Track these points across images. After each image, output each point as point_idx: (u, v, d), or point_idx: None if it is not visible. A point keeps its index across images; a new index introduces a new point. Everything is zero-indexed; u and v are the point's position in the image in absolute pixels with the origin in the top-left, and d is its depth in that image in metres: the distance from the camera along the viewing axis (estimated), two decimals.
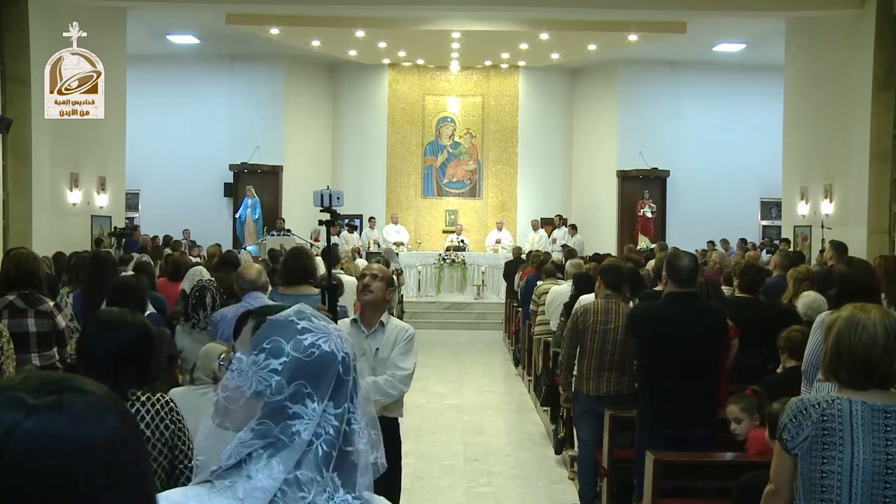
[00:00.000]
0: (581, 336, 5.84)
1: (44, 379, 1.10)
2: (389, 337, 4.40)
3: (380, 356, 4.36)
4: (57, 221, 13.41)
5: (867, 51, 12.48)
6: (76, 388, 1.09)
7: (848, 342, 2.67)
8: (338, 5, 14.89)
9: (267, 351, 1.48)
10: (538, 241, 18.93)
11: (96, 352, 2.78)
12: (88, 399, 1.09)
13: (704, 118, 19.73)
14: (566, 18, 15.72)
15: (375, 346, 4.38)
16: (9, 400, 1.06)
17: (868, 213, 12.39)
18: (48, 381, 1.09)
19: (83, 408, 1.08)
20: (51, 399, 1.06)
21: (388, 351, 4.37)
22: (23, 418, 1.04)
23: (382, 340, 4.38)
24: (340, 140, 21.12)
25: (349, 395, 1.53)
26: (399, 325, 4.52)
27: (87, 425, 1.06)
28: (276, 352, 1.48)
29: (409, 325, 4.60)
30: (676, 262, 4.70)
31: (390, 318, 4.51)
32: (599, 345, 5.74)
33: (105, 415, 1.09)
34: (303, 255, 5.79)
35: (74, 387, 1.09)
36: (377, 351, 4.37)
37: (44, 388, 1.07)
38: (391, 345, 4.38)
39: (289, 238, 16.50)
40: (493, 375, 12.21)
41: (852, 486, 2.58)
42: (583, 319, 5.84)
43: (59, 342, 5.24)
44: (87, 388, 1.11)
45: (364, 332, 4.41)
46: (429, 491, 6.64)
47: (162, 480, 2.79)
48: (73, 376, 1.19)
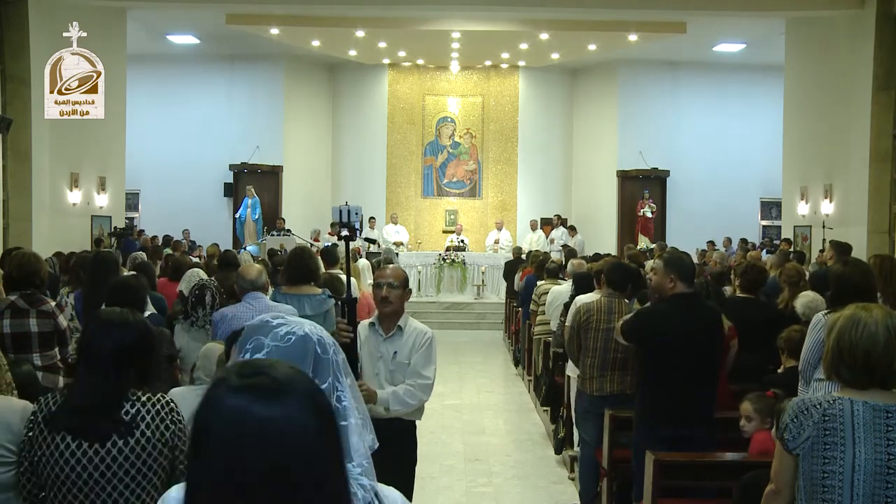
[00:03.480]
0: (583, 335, 5.83)
1: (256, 365, 1.25)
2: (408, 341, 4.31)
3: (398, 359, 4.28)
4: (57, 221, 13.41)
5: (867, 51, 12.48)
6: (284, 373, 1.24)
7: (849, 341, 2.67)
8: (338, 5, 14.89)
9: (250, 350, 1.63)
10: (536, 241, 18.93)
11: (97, 352, 2.78)
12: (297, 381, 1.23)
13: (704, 118, 19.74)
14: (566, 18, 15.72)
15: (393, 350, 4.30)
16: (233, 388, 1.20)
17: (868, 213, 12.39)
18: (260, 367, 1.24)
19: (295, 389, 1.21)
20: (266, 382, 1.20)
21: (406, 355, 4.29)
22: (248, 403, 1.17)
23: (400, 344, 4.31)
24: (340, 140, 21.12)
25: (333, 372, 1.66)
26: (417, 328, 4.39)
27: (300, 404, 1.19)
28: (258, 348, 1.63)
29: (427, 327, 4.47)
30: (684, 262, 4.69)
31: (409, 321, 4.39)
32: (602, 343, 5.72)
33: (300, 392, 1.22)
34: (305, 255, 5.79)
35: (283, 372, 1.24)
36: (395, 354, 4.29)
37: (258, 374, 1.21)
38: (409, 348, 4.30)
39: (289, 238, 16.51)
40: (493, 375, 12.22)
41: (854, 486, 2.58)
42: (585, 318, 5.83)
43: (61, 342, 5.24)
44: (283, 369, 1.27)
45: (382, 335, 4.33)
46: (429, 491, 6.63)
47: (162, 481, 2.79)
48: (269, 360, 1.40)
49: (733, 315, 5.52)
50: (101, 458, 2.71)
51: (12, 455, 2.92)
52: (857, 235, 12.10)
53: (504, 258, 16.95)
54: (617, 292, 5.98)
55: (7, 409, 3.01)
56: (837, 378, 2.74)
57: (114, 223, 15.28)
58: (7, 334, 5.05)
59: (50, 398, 2.82)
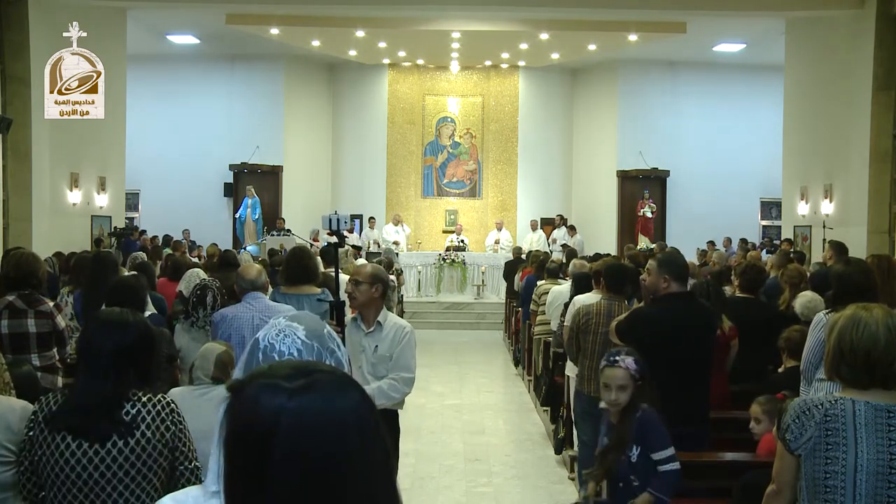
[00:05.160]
0: (582, 337, 5.83)
1: (291, 365, 1.26)
2: (388, 335, 4.58)
3: (379, 353, 4.55)
4: (57, 221, 13.41)
5: (867, 51, 12.47)
6: (321, 370, 1.26)
7: (850, 340, 2.67)
8: (338, 5, 14.89)
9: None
10: (537, 241, 18.93)
11: (97, 352, 2.77)
12: (334, 378, 1.25)
13: (704, 118, 19.73)
14: (566, 18, 15.72)
15: (374, 344, 4.56)
16: (268, 387, 1.20)
17: (868, 213, 12.38)
18: (295, 366, 1.26)
19: (332, 386, 1.22)
20: (304, 381, 1.21)
21: (387, 348, 4.55)
22: (286, 401, 1.18)
23: (381, 338, 4.57)
24: (340, 140, 21.12)
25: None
26: (397, 322, 4.67)
27: (339, 400, 1.21)
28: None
29: (407, 322, 4.76)
30: (677, 262, 4.69)
31: (388, 316, 4.66)
32: (601, 346, 5.73)
33: (349, 390, 1.24)
34: (304, 255, 5.80)
35: (319, 369, 1.26)
36: (376, 348, 4.56)
37: (294, 373, 1.22)
38: (389, 342, 4.57)
39: (289, 238, 16.50)
40: (493, 375, 12.21)
41: (856, 486, 2.58)
42: (584, 321, 5.84)
43: (59, 342, 5.23)
44: (328, 369, 1.29)
45: (364, 329, 4.60)
46: (429, 491, 6.63)
47: (162, 482, 2.79)
48: (312, 361, 1.44)
49: (733, 315, 5.52)
50: (101, 458, 2.70)
51: (12, 455, 2.91)
52: (857, 235, 12.10)
53: (504, 258, 16.95)
54: (616, 295, 5.97)
55: (7, 409, 3.01)
56: (838, 378, 2.74)
57: (114, 223, 15.28)
58: (5, 335, 5.04)
59: (51, 398, 2.82)
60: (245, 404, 1.21)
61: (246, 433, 1.19)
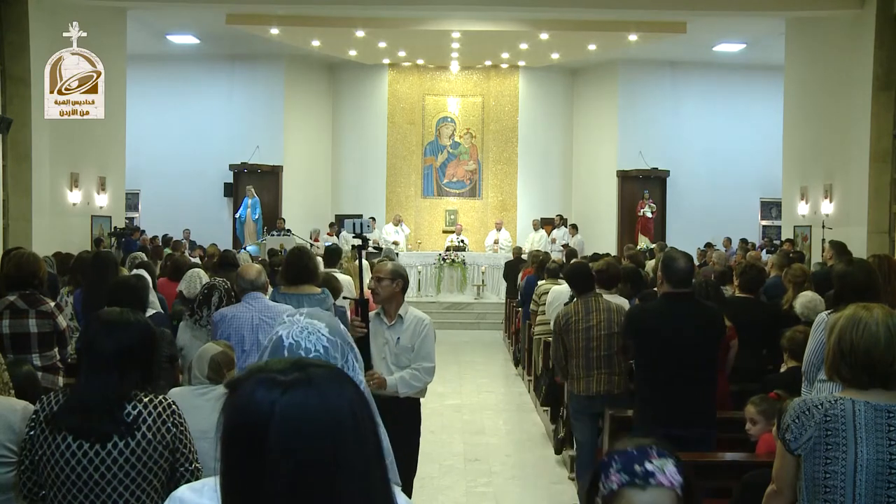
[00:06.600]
0: (566, 338, 5.86)
1: (287, 361, 1.28)
2: (409, 328, 4.86)
3: (401, 344, 4.82)
4: (57, 221, 13.41)
5: (867, 51, 12.47)
6: (316, 365, 1.27)
7: (850, 340, 2.68)
8: (338, 5, 14.89)
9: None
10: (538, 240, 18.93)
11: (99, 352, 2.77)
12: (328, 373, 1.26)
13: (704, 118, 19.73)
14: (566, 18, 15.72)
15: (396, 336, 4.84)
16: (263, 382, 1.22)
17: (868, 213, 12.38)
18: (291, 362, 1.27)
19: (326, 380, 1.24)
20: (298, 376, 1.23)
21: (409, 339, 4.83)
22: (280, 395, 1.19)
23: (402, 330, 4.85)
24: (340, 140, 21.12)
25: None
26: (417, 316, 4.93)
27: (333, 395, 1.23)
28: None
29: (425, 314, 5.00)
30: (672, 263, 4.70)
31: (409, 310, 4.92)
32: (584, 343, 5.77)
33: (344, 385, 1.26)
34: (304, 255, 5.80)
35: (314, 364, 1.28)
36: (398, 340, 4.83)
37: (289, 368, 1.24)
38: (410, 334, 4.84)
39: (289, 238, 16.51)
40: (493, 375, 12.21)
41: (856, 486, 2.58)
42: (564, 322, 5.88)
43: (60, 342, 5.23)
44: (322, 364, 1.31)
45: (386, 323, 4.87)
46: (429, 491, 6.63)
47: (162, 482, 2.79)
48: (306, 358, 1.47)
49: (733, 315, 5.51)
50: (101, 458, 2.70)
51: (13, 455, 2.92)
52: (857, 235, 12.09)
53: (504, 258, 16.95)
54: (590, 292, 5.98)
55: (8, 410, 3.01)
56: (838, 378, 2.74)
57: (114, 223, 15.28)
58: (6, 335, 5.04)
59: (52, 398, 2.82)
60: (240, 399, 1.23)
61: (241, 427, 1.21)
